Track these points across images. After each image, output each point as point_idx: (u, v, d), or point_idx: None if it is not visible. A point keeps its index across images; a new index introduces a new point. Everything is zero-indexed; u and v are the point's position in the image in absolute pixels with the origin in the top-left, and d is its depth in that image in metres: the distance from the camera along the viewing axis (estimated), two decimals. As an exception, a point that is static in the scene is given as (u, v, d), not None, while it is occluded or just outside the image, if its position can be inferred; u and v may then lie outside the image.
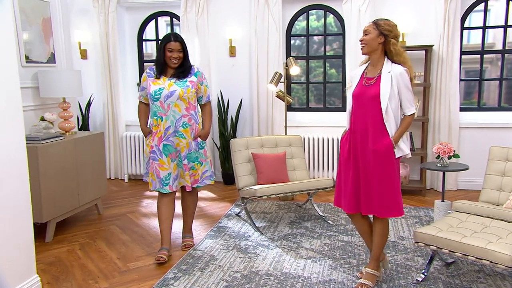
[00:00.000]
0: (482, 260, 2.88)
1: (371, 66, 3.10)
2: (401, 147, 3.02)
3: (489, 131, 5.63)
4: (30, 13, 4.61)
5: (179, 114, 3.68)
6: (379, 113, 2.98)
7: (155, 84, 3.68)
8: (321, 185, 4.51)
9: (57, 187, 4.26)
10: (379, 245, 3.18)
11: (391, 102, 2.96)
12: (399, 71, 2.97)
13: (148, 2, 6.37)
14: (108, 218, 4.94)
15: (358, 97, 3.07)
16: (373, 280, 3.19)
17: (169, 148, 3.71)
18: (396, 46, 3.00)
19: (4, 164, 2.93)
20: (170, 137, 3.69)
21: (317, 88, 6.35)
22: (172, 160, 3.74)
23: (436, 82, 5.54)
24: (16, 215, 3.04)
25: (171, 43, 3.63)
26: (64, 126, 4.68)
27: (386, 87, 2.96)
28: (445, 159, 4.32)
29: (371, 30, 2.99)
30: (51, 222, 4.26)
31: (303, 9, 6.09)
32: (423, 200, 5.36)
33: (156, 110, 3.68)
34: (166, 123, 3.68)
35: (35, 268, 3.22)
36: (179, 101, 3.66)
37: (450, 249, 3.02)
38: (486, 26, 5.69)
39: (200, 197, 5.65)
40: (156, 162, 3.72)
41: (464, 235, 3.06)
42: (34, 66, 4.65)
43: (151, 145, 3.73)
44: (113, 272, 3.62)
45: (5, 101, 2.94)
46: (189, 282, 3.35)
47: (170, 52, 3.64)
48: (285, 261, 3.69)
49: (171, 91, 3.64)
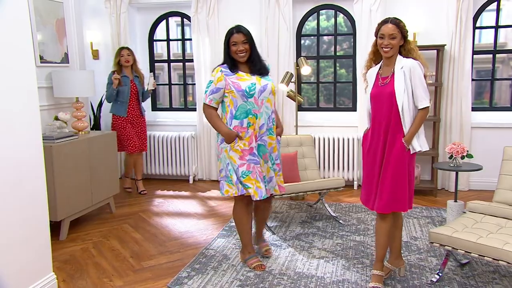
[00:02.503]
0: (499, 261, 2.86)
1: (385, 65, 3.09)
2: (414, 145, 3.00)
3: (501, 131, 5.59)
4: (44, 13, 4.64)
5: (270, 110, 3.44)
6: (396, 111, 2.98)
7: (244, 80, 3.38)
8: (332, 185, 4.50)
9: (71, 185, 4.28)
10: (382, 246, 3.16)
11: (407, 98, 2.96)
12: (411, 64, 2.96)
13: (159, 3, 6.38)
14: (120, 217, 4.96)
15: (375, 97, 3.08)
16: (380, 280, 3.17)
17: (262, 148, 3.45)
18: (411, 45, 3.02)
19: (23, 164, 2.95)
20: (263, 136, 3.44)
21: (326, 88, 6.34)
22: (265, 161, 3.48)
23: (448, 82, 5.51)
24: (34, 213, 3.06)
25: (234, 36, 3.36)
26: (77, 126, 4.70)
27: (400, 83, 2.95)
28: (458, 159, 4.29)
29: (397, 33, 2.96)
30: (65, 221, 4.28)
31: (313, 9, 6.08)
32: (434, 200, 5.33)
33: (251, 107, 3.36)
34: (260, 121, 3.40)
35: (51, 266, 3.24)
36: (271, 95, 3.44)
37: (466, 250, 3.00)
38: (498, 26, 5.65)
39: (210, 196, 5.69)
40: (258, 166, 3.40)
41: (480, 235, 3.04)
42: (48, 66, 4.69)
43: (251, 147, 3.39)
44: (127, 270, 3.63)
45: (23, 101, 2.96)
46: (203, 281, 3.36)
47: (234, 46, 3.36)
48: (297, 261, 3.68)
49: (263, 85, 3.39)
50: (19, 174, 2.92)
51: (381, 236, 3.16)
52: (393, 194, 3.01)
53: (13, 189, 2.88)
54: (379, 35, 3.02)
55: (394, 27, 2.97)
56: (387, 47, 2.98)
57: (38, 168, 3.09)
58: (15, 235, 2.90)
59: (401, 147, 2.98)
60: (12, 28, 2.86)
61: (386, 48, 2.99)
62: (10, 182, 2.86)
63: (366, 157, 3.20)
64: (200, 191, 5.91)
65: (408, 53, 3.02)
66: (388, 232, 3.14)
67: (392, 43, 2.97)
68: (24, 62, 2.96)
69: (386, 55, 3.02)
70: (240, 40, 3.35)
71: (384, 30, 2.99)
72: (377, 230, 3.18)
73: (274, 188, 3.58)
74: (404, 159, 2.99)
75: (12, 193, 2.87)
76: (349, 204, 5.21)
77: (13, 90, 2.88)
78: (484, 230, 3.15)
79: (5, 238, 2.83)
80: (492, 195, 3.78)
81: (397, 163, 2.99)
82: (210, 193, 5.84)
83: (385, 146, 3.03)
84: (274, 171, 3.56)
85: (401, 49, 3.03)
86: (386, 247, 3.18)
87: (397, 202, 3.02)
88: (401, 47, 3.03)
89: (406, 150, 2.99)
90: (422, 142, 3.04)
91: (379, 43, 3.03)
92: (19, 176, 2.93)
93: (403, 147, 2.98)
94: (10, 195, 2.86)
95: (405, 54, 3.03)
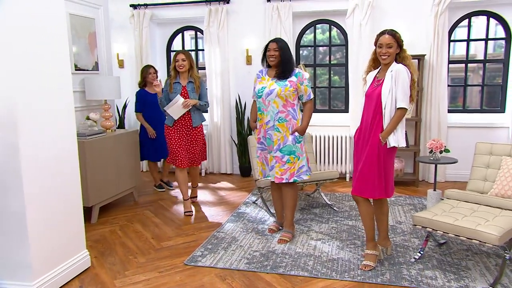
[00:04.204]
0: (472, 240, 2.88)
1: (382, 70, 3.10)
2: (389, 140, 2.99)
3: (473, 130, 5.60)
4: (79, 28, 4.68)
5: (276, 109, 3.61)
6: (380, 109, 3.00)
7: (260, 84, 3.71)
8: (328, 176, 4.52)
9: (100, 176, 4.31)
10: (368, 227, 3.18)
11: (390, 98, 2.96)
12: (398, 68, 2.98)
13: (176, 18, 6.40)
14: (142, 204, 4.98)
15: (368, 96, 3.10)
16: (373, 259, 3.19)
17: (268, 141, 3.68)
18: (405, 53, 3.04)
19: (62, 156, 3.00)
20: (269, 130, 3.65)
21: (322, 92, 6.35)
22: (269, 152, 3.71)
23: (427, 87, 5.52)
24: (70, 199, 3.11)
25: (270, 44, 3.65)
26: (105, 125, 4.73)
27: (387, 85, 2.97)
28: (437, 154, 4.31)
29: (393, 43, 2.98)
30: (96, 206, 4.31)
31: (310, 23, 6.09)
32: (416, 190, 5.34)
33: (260, 106, 3.69)
34: (266, 118, 3.65)
35: (85, 244, 3.29)
36: (277, 98, 3.58)
37: (444, 231, 3.02)
38: (469, 39, 5.68)
39: (220, 187, 5.69)
40: (265, 152, 3.74)
41: (456, 218, 3.06)
42: (81, 73, 4.72)
43: (258, 137, 3.77)
44: (149, 249, 3.66)
45: (63, 102, 3.02)
46: (215, 259, 3.38)
47: (268, 52, 3.64)
48: (298, 242, 3.70)
49: (271, 89, 3.60)
50: (59, 164, 2.97)
51: (363, 219, 3.19)
52: (363, 181, 3.04)
53: (54, 177, 2.93)
54: (378, 44, 3.04)
55: (390, 38, 2.99)
56: (385, 55, 3.01)
57: (73, 160, 3.14)
58: (56, 217, 2.96)
59: (377, 141, 2.99)
60: (54, 41, 2.93)
61: (384, 56, 3.01)
62: (52, 171, 2.92)
63: (355, 150, 3.22)
64: (211, 183, 5.93)
65: (402, 60, 3.04)
66: (370, 215, 3.16)
67: (389, 51, 2.99)
68: (63, 69, 3.02)
69: (384, 61, 3.04)
70: (273, 47, 3.63)
71: (382, 40, 3.01)
72: (360, 213, 3.21)
73: (273, 176, 3.67)
74: (376, 152, 3.00)
75: (54, 181, 2.93)
76: (342, 193, 5.22)
77: (55, 93, 2.95)
78: (460, 214, 3.16)
79: (49, 219, 2.89)
80: (465, 185, 3.79)
81: (370, 154, 3.02)
82: (220, 184, 5.86)
83: (367, 139, 3.06)
84: (275, 162, 3.64)
85: (397, 57, 3.05)
86: (371, 228, 3.18)
87: (366, 188, 3.04)
88: (397, 54, 3.05)
89: (382, 145, 2.99)
90: (399, 138, 3.01)
91: (378, 52, 3.05)
92: (59, 166, 2.98)
93: (379, 141, 2.99)
94: (52, 182, 2.91)
95: (400, 61, 3.04)
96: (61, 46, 2.99)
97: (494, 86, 5.77)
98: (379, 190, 3.05)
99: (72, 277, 3.11)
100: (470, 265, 3.19)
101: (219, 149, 6.35)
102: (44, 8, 2.82)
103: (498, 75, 5.75)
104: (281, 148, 3.62)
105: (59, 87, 2.97)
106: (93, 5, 4.92)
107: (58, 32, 2.94)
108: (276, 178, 3.65)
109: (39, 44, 2.78)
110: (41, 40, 2.80)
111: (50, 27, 2.87)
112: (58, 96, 2.96)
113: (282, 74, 3.62)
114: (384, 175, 3.04)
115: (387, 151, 3.02)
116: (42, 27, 2.81)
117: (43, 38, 2.81)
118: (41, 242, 2.82)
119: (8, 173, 2.65)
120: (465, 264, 3.21)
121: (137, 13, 6.26)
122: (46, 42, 2.84)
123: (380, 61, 3.10)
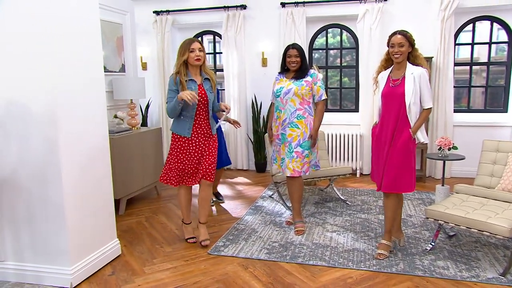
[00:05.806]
0: (483, 232, 2.85)
1: (396, 69, 3.08)
2: (418, 136, 3.00)
3: (477, 129, 5.55)
4: (108, 33, 4.70)
5: (294, 107, 3.64)
6: (403, 108, 2.97)
7: (278, 84, 3.74)
8: (341, 171, 4.50)
9: (127, 171, 4.34)
10: (389, 220, 3.16)
11: (414, 98, 2.95)
12: (421, 71, 2.97)
13: (196, 23, 6.41)
14: (165, 197, 5.00)
15: (386, 96, 3.07)
16: (387, 249, 3.18)
17: (283, 137, 3.70)
18: (417, 52, 3.02)
19: (96, 151, 3.03)
20: (286, 127, 3.68)
21: (333, 93, 6.33)
22: (285, 146, 3.71)
23: (434, 88, 5.47)
24: (102, 191, 3.14)
25: (290, 50, 3.65)
26: (131, 122, 4.76)
27: (410, 86, 2.95)
28: (446, 151, 4.28)
29: (404, 42, 2.97)
30: (123, 199, 4.34)
31: (322, 27, 6.07)
32: (423, 185, 5.30)
33: (278, 104, 3.72)
34: (284, 116, 3.68)
35: (116, 233, 3.32)
36: (294, 96, 3.62)
37: (456, 223, 3.00)
38: (474, 43, 5.63)
39: (237, 182, 5.69)
40: (280, 147, 3.76)
41: (467, 211, 3.04)
42: (109, 74, 4.74)
43: (275, 134, 3.78)
44: (174, 239, 3.67)
45: (97, 102, 3.05)
46: (236, 249, 3.39)
47: (289, 58, 3.66)
48: (314, 234, 3.69)
49: (288, 88, 3.64)
50: (93, 159, 3.00)
51: (387, 211, 3.16)
52: (399, 176, 3.00)
53: (89, 170, 2.96)
54: (390, 44, 3.02)
55: (402, 37, 2.98)
56: (397, 54, 2.99)
57: (105, 155, 3.16)
58: (91, 207, 2.99)
59: (408, 136, 2.98)
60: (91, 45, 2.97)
61: (397, 55, 2.99)
62: (87, 165, 2.95)
63: (375, 146, 3.19)
64: (229, 178, 5.94)
65: (415, 59, 3.02)
66: (394, 208, 3.13)
67: (401, 50, 2.97)
68: (97, 71, 3.05)
69: (396, 60, 3.02)
70: (293, 54, 3.64)
71: (394, 40, 3.00)
72: (384, 206, 3.19)
73: (284, 169, 3.70)
74: (409, 146, 2.99)
75: (88, 173, 2.95)
76: (354, 188, 5.20)
77: (91, 93, 2.98)
78: (470, 207, 3.14)
79: (84, 209, 2.93)
80: (470, 181, 3.79)
81: (404, 149, 2.98)
82: (237, 179, 5.87)
83: (393, 136, 3.03)
84: (291, 158, 3.64)
85: (409, 56, 3.03)
86: (392, 220, 3.17)
87: (402, 183, 3.00)
88: (409, 53, 3.03)
89: (412, 139, 2.99)
90: (424, 135, 3.03)
91: (390, 51, 3.03)
92: (93, 160, 3.01)
93: (410, 136, 2.98)
94: (87, 175, 2.94)
95: (413, 60, 3.03)
96: (96, 49, 3.02)
97: (497, 87, 5.72)
98: (414, 184, 3.05)
99: (105, 264, 3.14)
100: (479, 256, 3.16)
101: (236, 146, 6.36)
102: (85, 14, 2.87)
103: (501, 77, 5.70)
104: (301, 144, 3.64)
105: (94, 88, 3.00)
106: (121, 11, 4.95)
107: (94, 38, 2.98)
108: (295, 171, 3.64)
109: (79, 47, 2.82)
110: (81, 44, 2.84)
111: (87, 33, 2.91)
112: (94, 96, 2.99)
113: (299, 75, 3.67)
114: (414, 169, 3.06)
115: (414, 147, 3.03)
116: (83, 32, 2.86)
117: (83, 42, 2.85)
118: (78, 230, 2.85)
119: (49, 166, 2.69)
120: (474, 255, 3.19)
121: (160, 19, 6.29)
122: (85, 46, 2.88)
123: (392, 62, 3.09)
